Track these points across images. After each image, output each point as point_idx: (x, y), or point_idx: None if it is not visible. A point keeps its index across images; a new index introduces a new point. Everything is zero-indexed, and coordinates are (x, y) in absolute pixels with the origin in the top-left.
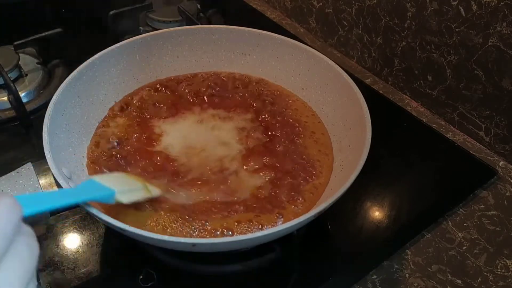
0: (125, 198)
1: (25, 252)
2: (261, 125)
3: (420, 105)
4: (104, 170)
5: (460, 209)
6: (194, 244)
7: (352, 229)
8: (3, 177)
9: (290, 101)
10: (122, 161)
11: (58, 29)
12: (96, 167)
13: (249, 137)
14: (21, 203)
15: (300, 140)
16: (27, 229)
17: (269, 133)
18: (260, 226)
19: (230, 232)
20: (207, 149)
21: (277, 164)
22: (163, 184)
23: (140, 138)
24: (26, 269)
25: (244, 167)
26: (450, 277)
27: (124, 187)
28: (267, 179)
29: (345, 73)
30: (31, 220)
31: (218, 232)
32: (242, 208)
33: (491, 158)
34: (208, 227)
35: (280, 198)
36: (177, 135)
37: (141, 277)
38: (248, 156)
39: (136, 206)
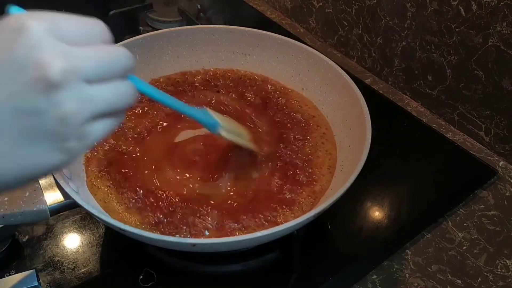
0: (228, 134)
1: (122, 93)
2: (265, 123)
3: (420, 105)
4: (104, 169)
5: (460, 209)
6: (194, 244)
7: (352, 229)
8: None
9: (292, 96)
10: (122, 160)
11: None
12: (96, 167)
13: (251, 135)
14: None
15: (307, 138)
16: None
17: (276, 131)
18: (261, 227)
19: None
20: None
21: (280, 164)
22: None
23: (140, 138)
24: (115, 104)
25: (248, 166)
26: (450, 277)
27: (231, 127)
28: (269, 178)
29: (345, 73)
30: (31, 221)
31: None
32: (243, 207)
33: (491, 158)
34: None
35: (281, 199)
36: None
37: (141, 277)
38: (250, 155)
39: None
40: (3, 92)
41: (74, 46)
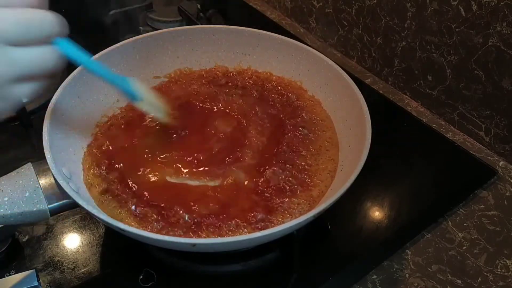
0: (146, 108)
1: (46, 58)
2: (268, 121)
3: (420, 105)
4: (103, 169)
5: (460, 209)
6: (194, 244)
7: (352, 229)
8: (3, 177)
9: (297, 93)
10: (120, 160)
11: None
12: (95, 166)
13: (256, 134)
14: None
15: (310, 139)
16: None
17: (282, 130)
18: (260, 227)
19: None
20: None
21: (281, 166)
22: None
23: (140, 138)
24: (38, 68)
25: (252, 163)
26: (450, 277)
27: (152, 101)
28: (270, 179)
29: (345, 73)
30: (31, 221)
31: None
32: (243, 208)
33: (491, 158)
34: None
35: (281, 200)
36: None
37: (141, 277)
38: (255, 154)
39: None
40: None
41: None
